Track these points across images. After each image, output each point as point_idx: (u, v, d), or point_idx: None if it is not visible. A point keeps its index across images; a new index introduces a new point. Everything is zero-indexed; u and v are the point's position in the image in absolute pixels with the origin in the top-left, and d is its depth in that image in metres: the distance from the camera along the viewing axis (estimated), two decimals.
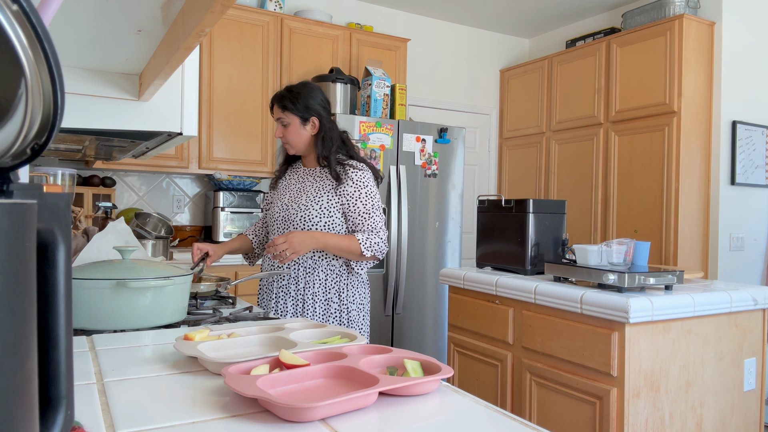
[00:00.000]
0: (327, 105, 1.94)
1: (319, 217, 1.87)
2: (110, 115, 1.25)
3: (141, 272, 1.21)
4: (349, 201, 1.87)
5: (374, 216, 1.88)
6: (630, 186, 3.76)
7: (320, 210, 1.87)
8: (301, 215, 1.88)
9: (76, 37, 1.02)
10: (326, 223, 1.87)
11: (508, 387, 2.23)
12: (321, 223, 1.87)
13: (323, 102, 1.93)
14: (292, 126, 1.89)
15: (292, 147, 1.93)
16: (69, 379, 0.42)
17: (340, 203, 1.87)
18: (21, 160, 0.39)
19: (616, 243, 2.07)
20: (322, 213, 1.87)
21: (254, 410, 0.73)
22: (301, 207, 1.88)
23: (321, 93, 1.94)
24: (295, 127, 1.90)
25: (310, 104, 1.89)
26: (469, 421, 0.73)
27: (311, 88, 1.93)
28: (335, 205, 1.88)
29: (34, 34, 0.35)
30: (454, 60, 4.77)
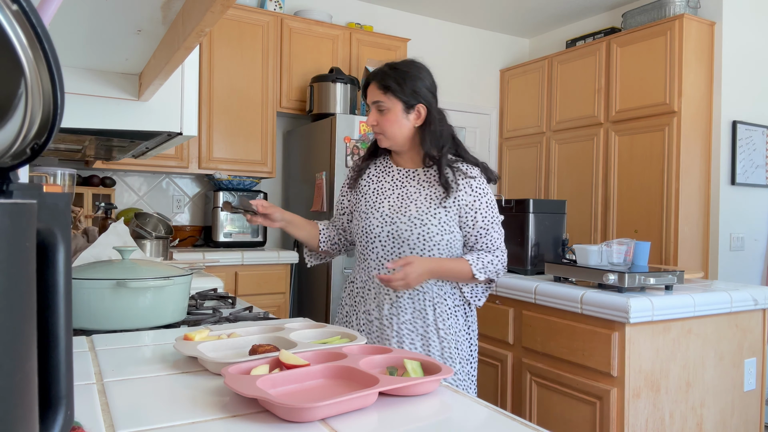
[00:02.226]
0: (436, 91, 1.59)
1: (440, 234, 1.52)
2: (110, 115, 1.25)
3: (141, 272, 1.21)
4: (468, 213, 1.54)
5: (492, 232, 1.56)
6: (630, 186, 3.76)
7: (440, 225, 1.52)
8: (417, 233, 1.52)
9: (76, 37, 1.02)
10: (448, 242, 1.54)
11: (508, 387, 2.23)
12: (443, 243, 1.53)
13: (433, 87, 1.58)
14: (391, 113, 1.54)
15: (389, 139, 1.57)
16: (69, 379, 0.42)
17: (458, 215, 1.54)
18: (21, 160, 0.39)
19: (616, 243, 2.07)
20: (442, 230, 1.52)
21: (254, 410, 0.73)
22: (416, 222, 1.53)
23: (431, 76, 1.59)
24: (396, 115, 1.54)
25: (419, 88, 1.54)
26: (469, 421, 0.73)
27: (419, 68, 1.58)
28: (453, 218, 1.54)
29: (34, 34, 0.35)
30: (454, 60, 4.77)
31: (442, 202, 1.53)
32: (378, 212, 1.59)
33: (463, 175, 1.55)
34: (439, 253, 1.55)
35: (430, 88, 1.57)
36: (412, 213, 1.54)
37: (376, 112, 1.57)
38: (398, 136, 1.56)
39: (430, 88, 1.58)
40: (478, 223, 1.55)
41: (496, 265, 1.55)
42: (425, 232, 1.52)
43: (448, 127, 1.59)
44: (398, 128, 1.55)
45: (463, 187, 1.54)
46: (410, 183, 1.59)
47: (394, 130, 1.55)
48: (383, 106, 1.55)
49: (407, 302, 1.56)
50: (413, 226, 1.53)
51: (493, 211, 1.57)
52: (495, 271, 1.55)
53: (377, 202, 1.61)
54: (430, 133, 1.55)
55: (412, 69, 1.56)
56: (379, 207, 1.59)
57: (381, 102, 1.55)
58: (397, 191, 1.59)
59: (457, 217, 1.55)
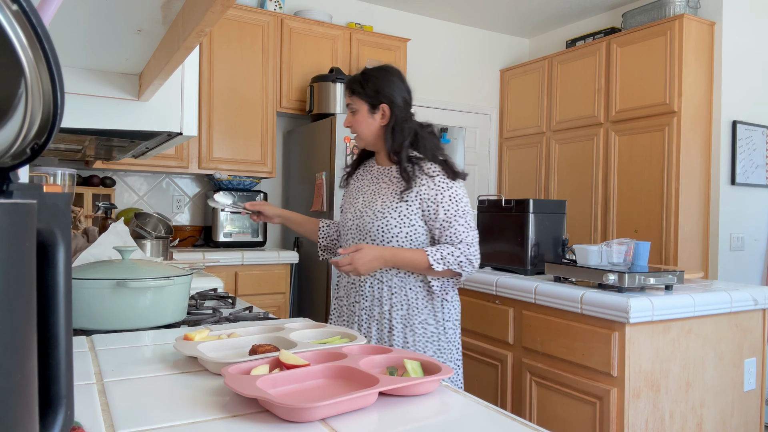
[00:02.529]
0: (406, 94, 1.69)
1: (399, 227, 1.61)
2: (110, 115, 1.25)
3: (141, 272, 1.21)
4: (430, 207, 1.61)
5: (456, 225, 1.59)
6: (630, 186, 3.76)
7: (399, 218, 1.61)
8: (378, 225, 1.63)
9: (76, 37, 1.02)
10: (407, 234, 1.62)
11: (508, 387, 2.23)
12: (401, 234, 1.62)
13: (401, 89, 1.68)
14: (360, 113, 1.67)
15: (361, 138, 1.71)
16: (69, 379, 0.42)
17: (421, 209, 1.62)
18: (21, 160, 0.39)
19: (616, 243, 2.07)
20: (402, 222, 1.61)
21: (254, 410, 0.73)
22: (377, 215, 1.64)
23: (400, 79, 1.70)
24: (363, 115, 1.67)
25: (382, 89, 1.65)
26: (469, 421, 0.73)
27: (388, 71, 1.70)
28: (416, 211, 1.62)
29: (34, 34, 0.35)
30: (454, 60, 4.77)
31: (402, 195, 1.62)
32: (353, 207, 1.73)
33: (421, 170, 1.63)
34: (399, 244, 1.64)
35: (398, 90, 1.68)
36: (377, 207, 1.65)
37: (349, 114, 1.71)
38: (367, 134, 1.69)
39: (398, 90, 1.68)
40: (440, 217, 1.61)
41: (458, 257, 1.58)
42: (385, 224, 1.63)
43: (414, 126, 1.69)
44: (366, 127, 1.69)
45: (426, 181, 1.61)
46: (383, 179, 1.71)
47: (362, 129, 1.69)
48: (353, 108, 1.69)
49: (368, 290, 1.68)
50: (375, 218, 1.65)
51: (457, 206, 1.61)
52: (456, 263, 1.58)
53: (355, 198, 1.75)
54: (391, 131, 1.66)
55: (378, 73, 1.68)
56: (355, 203, 1.74)
57: (350, 104, 1.70)
58: (372, 187, 1.72)
59: (420, 210, 1.62)
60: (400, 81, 1.70)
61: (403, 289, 1.65)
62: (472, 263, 1.60)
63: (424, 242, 1.65)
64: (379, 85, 1.66)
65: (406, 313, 1.65)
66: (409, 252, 1.59)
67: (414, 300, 1.65)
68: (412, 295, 1.65)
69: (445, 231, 1.61)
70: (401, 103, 1.68)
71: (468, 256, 1.59)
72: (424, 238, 1.65)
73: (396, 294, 1.65)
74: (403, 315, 1.65)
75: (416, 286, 1.66)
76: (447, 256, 1.57)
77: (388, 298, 1.65)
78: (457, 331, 1.72)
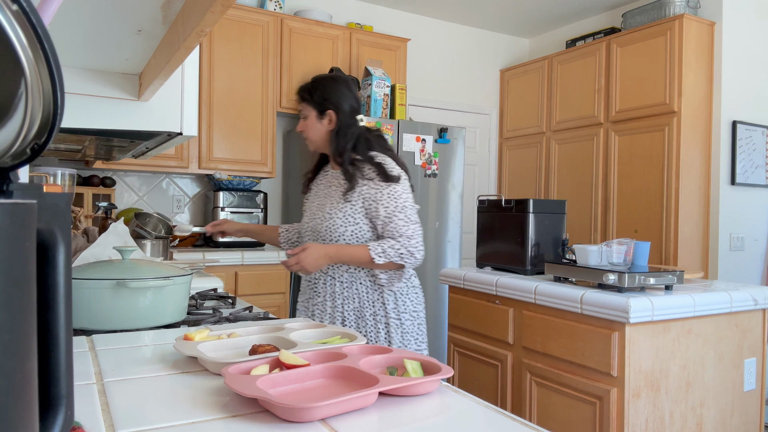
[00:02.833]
0: (353, 101, 1.78)
1: (344, 226, 1.71)
2: (110, 115, 1.25)
3: (141, 272, 1.21)
4: (371, 205, 1.69)
5: (396, 220, 1.68)
6: (630, 186, 3.76)
7: (345, 218, 1.71)
8: (326, 225, 1.73)
9: (76, 37, 1.02)
10: (353, 233, 1.71)
11: (508, 387, 2.23)
12: (347, 233, 1.71)
13: (348, 97, 1.77)
14: (309, 119, 1.78)
15: (311, 143, 1.81)
16: (69, 379, 0.42)
17: (364, 208, 1.71)
18: (21, 160, 0.39)
19: (616, 243, 2.07)
20: (347, 221, 1.71)
21: (254, 410, 0.73)
22: (326, 216, 1.74)
23: (347, 88, 1.79)
24: (312, 120, 1.78)
25: (329, 95, 1.75)
26: (469, 422, 0.73)
27: (336, 80, 1.80)
28: (360, 210, 1.71)
29: (34, 34, 0.35)
30: (454, 60, 4.77)
31: (346, 196, 1.72)
32: (309, 210, 1.85)
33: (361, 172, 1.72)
34: (346, 242, 1.73)
35: (344, 98, 1.77)
36: (326, 208, 1.76)
37: (301, 120, 1.82)
38: (316, 138, 1.80)
39: (344, 97, 1.77)
40: (381, 214, 1.69)
41: (398, 250, 1.67)
42: (332, 224, 1.73)
43: (355, 131, 1.77)
44: (315, 132, 1.79)
45: (367, 182, 1.71)
46: (334, 182, 1.81)
47: (312, 133, 1.79)
48: (303, 114, 1.80)
49: (321, 287, 1.80)
50: (324, 219, 1.75)
51: (396, 202, 1.69)
52: (398, 255, 1.66)
53: (312, 201, 1.86)
54: (335, 135, 1.76)
55: (326, 81, 1.79)
56: (311, 206, 1.85)
57: (301, 110, 1.81)
58: (325, 190, 1.82)
59: (363, 209, 1.71)
60: (347, 89, 1.79)
61: (353, 283, 1.76)
62: (413, 255, 1.68)
63: (369, 239, 1.74)
64: (326, 93, 1.76)
65: (358, 305, 1.75)
66: (352, 248, 1.69)
67: (365, 293, 1.75)
68: (362, 289, 1.75)
69: (387, 226, 1.69)
70: (347, 110, 1.77)
71: (409, 248, 1.67)
72: (370, 236, 1.74)
73: (347, 288, 1.76)
74: (355, 308, 1.75)
75: (366, 281, 1.76)
76: (388, 249, 1.66)
77: (340, 293, 1.76)
78: (415, 322, 1.80)
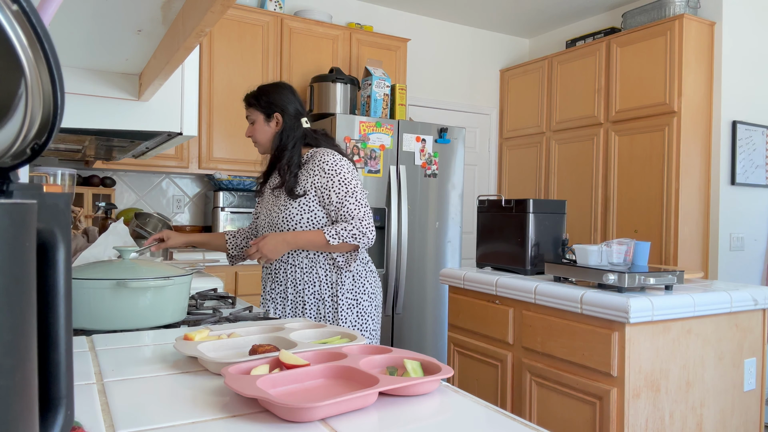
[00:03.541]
0: (298, 105, 1.90)
1: (300, 214, 1.82)
2: (110, 115, 1.25)
3: (141, 272, 1.21)
4: (324, 193, 1.80)
5: (347, 204, 1.79)
6: (630, 186, 3.76)
7: (299, 207, 1.82)
8: (282, 216, 1.83)
9: (76, 37, 1.02)
10: (309, 219, 1.82)
11: (508, 387, 2.23)
12: (303, 221, 1.82)
13: (292, 101, 1.89)
14: (257, 123, 1.89)
15: (260, 145, 1.92)
16: (69, 379, 0.42)
17: (317, 197, 1.81)
18: (21, 160, 0.39)
19: (616, 243, 2.07)
20: (302, 210, 1.82)
21: (254, 410, 0.73)
22: (281, 208, 1.84)
23: (291, 93, 1.91)
24: (260, 124, 1.88)
25: (274, 100, 1.87)
26: (469, 422, 0.73)
27: (280, 86, 1.92)
28: (313, 199, 1.82)
29: (34, 34, 0.35)
30: (454, 60, 4.77)
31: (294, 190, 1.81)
32: (265, 207, 1.93)
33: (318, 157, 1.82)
34: (302, 229, 1.83)
35: (289, 101, 1.88)
36: (281, 201, 1.86)
37: (249, 125, 1.92)
38: (264, 141, 1.90)
39: (289, 101, 1.89)
40: (333, 200, 1.80)
41: (350, 231, 1.77)
42: (288, 214, 1.83)
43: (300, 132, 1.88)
44: (263, 134, 1.90)
45: (318, 172, 1.80)
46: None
47: (260, 136, 1.90)
48: (251, 119, 1.91)
49: (282, 276, 1.90)
50: (280, 211, 1.85)
51: (346, 187, 1.80)
52: (351, 236, 1.77)
53: (267, 200, 1.94)
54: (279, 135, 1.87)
55: (270, 87, 1.91)
56: (266, 203, 1.94)
57: (249, 115, 1.91)
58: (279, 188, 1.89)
59: (316, 198, 1.82)
60: (291, 94, 1.91)
61: (313, 268, 1.86)
62: (366, 235, 1.78)
63: (324, 226, 1.84)
64: (272, 98, 1.87)
65: (318, 289, 1.86)
66: (308, 233, 1.79)
67: (324, 276, 1.86)
68: (322, 273, 1.86)
69: (340, 211, 1.80)
70: (292, 112, 1.88)
71: (360, 230, 1.78)
72: (325, 221, 1.84)
73: (307, 273, 1.86)
74: (315, 291, 1.86)
75: (326, 264, 1.86)
76: (341, 231, 1.76)
77: (300, 279, 1.86)
78: (373, 304, 1.92)
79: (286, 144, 1.86)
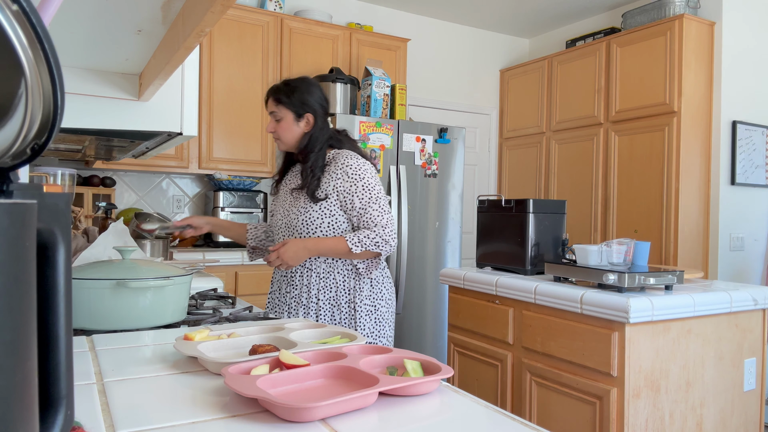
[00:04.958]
0: (325, 103, 1.86)
1: (321, 218, 1.76)
2: (110, 115, 1.25)
3: (141, 272, 1.21)
4: (346, 198, 1.75)
5: (370, 211, 1.75)
6: (630, 186, 3.76)
7: (320, 211, 1.76)
8: (302, 219, 1.78)
9: (76, 37, 1.02)
10: (329, 224, 1.77)
11: (508, 387, 2.23)
12: (324, 225, 1.77)
13: (321, 99, 1.85)
14: (285, 121, 1.82)
15: (284, 143, 1.85)
16: (69, 379, 0.42)
17: (339, 201, 1.76)
18: (21, 160, 0.39)
19: (616, 243, 2.07)
20: (323, 214, 1.76)
21: (254, 410, 0.73)
22: (301, 210, 1.78)
23: (320, 90, 1.86)
24: (288, 123, 1.81)
25: (307, 99, 1.81)
26: (469, 421, 0.73)
27: (309, 83, 1.85)
28: (334, 203, 1.76)
29: (34, 34, 0.35)
30: (454, 60, 4.77)
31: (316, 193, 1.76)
32: (282, 208, 1.87)
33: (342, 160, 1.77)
34: (322, 234, 1.79)
35: (319, 101, 1.83)
36: (300, 204, 1.80)
37: (273, 121, 1.84)
38: (291, 140, 1.83)
39: (319, 100, 1.84)
40: (356, 206, 1.75)
41: (374, 239, 1.73)
42: (308, 218, 1.78)
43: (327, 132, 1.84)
44: (290, 134, 1.82)
45: (341, 176, 1.76)
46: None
47: (287, 135, 1.83)
48: (278, 116, 1.82)
49: (298, 279, 1.84)
50: (299, 214, 1.79)
51: (370, 193, 1.76)
52: (373, 244, 1.73)
53: (284, 200, 1.88)
54: (309, 137, 1.81)
55: (301, 84, 1.83)
56: (283, 203, 1.88)
57: (275, 112, 1.82)
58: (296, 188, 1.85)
59: (338, 202, 1.77)
60: (320, 92, 1.86)
61: (331, 273, 1.81)
62: (388, 243, 1.75)
63: (345, 230, 1.80)
64: (304, 96, 1.81)
65: (334, 294, 1.81)
66: (330, 240, 1.75)
67: (342, 282, 1.81)
68: (339, 278, 1.81)
69: (362, 217, 1.75)
70: (322, 113, 1.84)
71: (383, 237, 1.74)
72: (345, 227, 1.79)
73: (324, 279, 1.81)
74: (331, 297, 1.80)
75: (344, 270, 1.81)
76: (364, 239, 1.72)
77: (316, 284, 1.81)
78: (390, 310, 1.88)
79: (314, 146, 1.80)
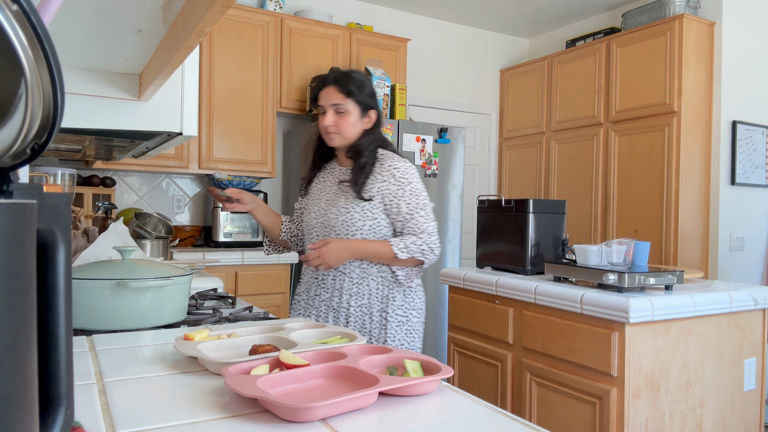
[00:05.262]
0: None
1: (363, 220, 1.67)
2: (110, 115, 1.25)
3: (141, 272, 1.21)
4: (392, 201, 1.67)
5: (417, 217, 1.67)
6: (630, 186, 3.76)
7: (363, 212, 1.67)
8: (342, 219, 1.69)
9: (76, 37, 1.02)
10: (371, 227, 1.68)
11: (508, 387, 2.23)
12: (365, 227, 1.68)
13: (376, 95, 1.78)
14: (350, 115, 1.69)
15: (342, 139, 1.72)
16: (69, 379, 0.42)
17: (383, 204, 1.68)
18: (21, 160, 0.39)
19: (616, 243, 2.07)
20: (365, 215, 1.67)
21: (254, 410, 0.73)
22: (342, 210, 1.69)
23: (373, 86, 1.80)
24: (354, 118, 1.70)
25: (374, 94, 1.74)
26: (469, 421, 0.73)
27: (368, 78, 1.77)
28: (378, 206, 1.68)
29: (34, 34, 0.35)
30: (454, 60, 4.77)
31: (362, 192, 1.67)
32: (317, 206, 1.79)
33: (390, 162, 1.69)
34: (363, 236, 1.70)
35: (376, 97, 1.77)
36: (341, 203, 1.71)
37: (333, 113, 1.70)
38: (351, 136, 1.72)
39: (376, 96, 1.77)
40: (402, 210, 1.67)
41: (420, 246, 1.66)
42: (349, 218, 1.68)
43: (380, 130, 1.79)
44: (352, 129, 1.71)
45: (387, 178, 1.68)
46: (345, 179, 1.76)
47: (348, 130, 1.71)
48: (342, 108, 1.69)
49: (330, 282, 1.76)
50: (339, 214, 1.70)
51: (417, 198, 1.69)
52: (419, 251, 1.66)
53: (318, 198, 1.80)
54: (367, 134, 1.73)
55: (366, 78, 1.74)
56: (318, 202, 1.79)
57: (340, 104, 1.69)
58: (335, 188, 1.76)
59: (382, 205, 1.68)
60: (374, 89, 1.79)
61: (365, 279, 1.73)
62: (433, 251, 1.68)
63: (386, 235, 1.72)
64: (370, 91, 1.74)
65: (367, 302, 1.72)
66: (374, 243, 1.66)
67: (375, 290, 1.72)
68: (373, 285, 1.73)
69: (408, 223, 1.68)
70: (380, 111, 1.78)
71: (429, 245, 1.67)
72: (387, 231, 1.71)
73: (357, 284, 1.72)
74: (363, 304, 1.72)
75: (378, 277, 1.73)
76: (410, 245, 1.65)
77: (347, 289, 1.72)
78: (420, 320, 1.80)
79: (369, 145, 1.71)
